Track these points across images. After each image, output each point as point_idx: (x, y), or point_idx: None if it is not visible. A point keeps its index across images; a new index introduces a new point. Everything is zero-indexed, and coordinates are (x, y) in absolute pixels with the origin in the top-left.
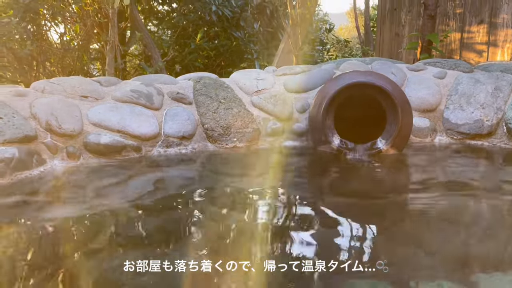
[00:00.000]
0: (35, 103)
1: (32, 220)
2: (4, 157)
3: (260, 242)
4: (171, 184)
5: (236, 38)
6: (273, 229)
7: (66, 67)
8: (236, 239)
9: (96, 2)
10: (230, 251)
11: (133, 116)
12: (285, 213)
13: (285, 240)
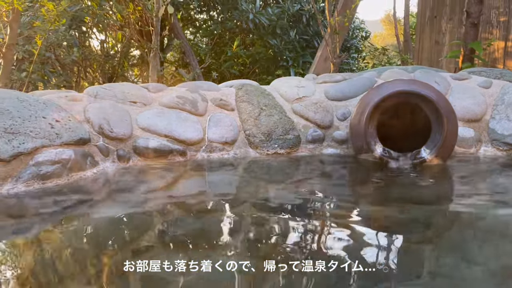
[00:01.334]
0: (88, 107)
1: (84, 218)
2: (62, 158)
3: (297, 246)
4: (213, 188)
5: (272, 46)
6: (310, 235)
7: (106, 73)
8: (276, 243)
9: (137, 11)
10: (270, 254)
11: (179, 122)
12: (322, 220)
13: (322, 247)
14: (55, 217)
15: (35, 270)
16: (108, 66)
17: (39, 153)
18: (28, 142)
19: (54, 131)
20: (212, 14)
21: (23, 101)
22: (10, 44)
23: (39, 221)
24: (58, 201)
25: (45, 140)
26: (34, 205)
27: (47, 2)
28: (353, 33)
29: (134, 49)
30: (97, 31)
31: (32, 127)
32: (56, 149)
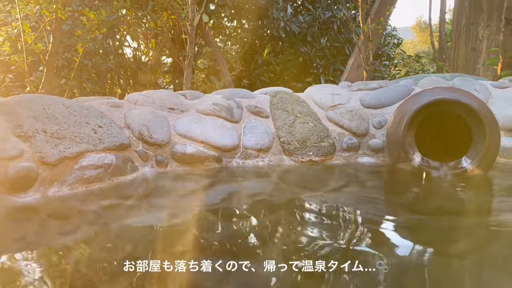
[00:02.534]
0: (129, 114)
1: (123, 222)
2: (104, 163)
3: (330, 254)
4: (248, 194)
5: (303, 53)
6: (344, 244)
7: (139, 80)
8: (310, 249)
9: (171, 20)
10: (309, 263)
11: (215, 128)
12: (358, 229)
13: (355, 255)
14: (96, 220)
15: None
16: (140, 73)
17: (83, 157)
18: (73, 147)
19: (97, 136)
20: (243, 22)
21: (68, 107)
22: (52, 52)
23: (82, 224)
24: (100, 204)
25: (89, 145)
26: (77, 208)
27: (88, 11)
28: (385, 40)
29: (166, 57)
30: (130, 39)
31: (77, 132)
32: (98, 154)
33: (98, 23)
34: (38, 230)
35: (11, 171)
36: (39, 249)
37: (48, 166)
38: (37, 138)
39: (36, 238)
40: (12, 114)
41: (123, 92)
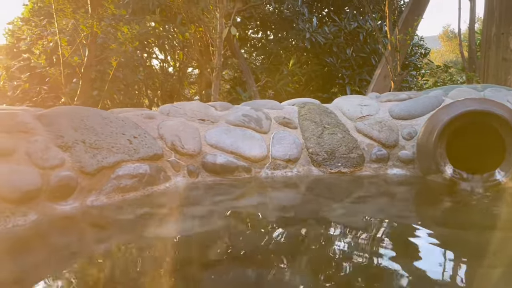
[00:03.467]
0: (162, 125)
1: (156, 230)
2: (139, 173)
3: (358, 266)
4: (277, 205)
5: (328, 64)
6: (373, 256)
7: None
8: (337, 261)
9: (198, 32)
10: (331, 272)
11: (245, 139)
12: (385, 243)
13: (386, 268)
14: (132, 228)
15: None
16: (167, 84)
17: (119, 167)
18: (110, 157)
19: (132, 146)
20: (268, 33)
21: (105, 118)
22: (88, 65)
23: (117, 232)
24: (135, 214)
25: (125, 155)
26: (114, 216)
27: (123, 26)
28: (412, 50)
29: (192, 68)
30: (158, 51)
31: (114, 142)
32: (134, 164)
33: (131, 37)
34: (77, 238)
35: (53, 180)
36: (78, 257)
37: (86, 175)
38: (76, 148)
39: (75, 246)
40: (53, 125)
41: (150, 102)
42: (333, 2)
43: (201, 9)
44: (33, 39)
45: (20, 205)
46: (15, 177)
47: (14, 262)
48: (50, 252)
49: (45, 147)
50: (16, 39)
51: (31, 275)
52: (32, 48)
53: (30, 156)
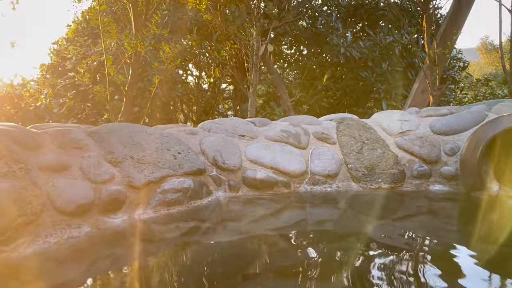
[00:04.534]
0: (203, 140)
1: (200, 244)
2: (183, 187)
3: (399, 283)
4: (316, 220)
5: (363, 78)
6: (415, 274)
7: (201, 106)
8: (379, 278)
9: (233, 49)
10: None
11: (284, 154)
12: (428, 261)
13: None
14: (176, 241)
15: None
16: (202, 100)
17: (165, 182)
18: (156, 172)
19: (177, 162)
20: (302, 48)
21: (151, 135)
22: (131, 83)
23: (164, 245)
24: (180, 227)
25: (170, 170)
26: (160, 230)
27: (164, 45)
28: (450, 64)
29: (227, 84)
30: (194, 68)
31: (159, 158)
32: (178, 179)
33: (172, 56)
34: (125, 250)
35: (104, 194)
36: (127, 268)
37: (134, 190)
38: (125, 163)
39: (125, 257)
40: (103, 141)
41: (185, 118)
42: (368, 17)
43: (236, 27)
44: (78, 59)
45: (75, 217)
46: (71, 190)
47: (67, 270)
48: (100, 262)
49: (97, 163)
50: (61, 58)
51: (79, 281)
52: (77, 67)
53: (83, 171)
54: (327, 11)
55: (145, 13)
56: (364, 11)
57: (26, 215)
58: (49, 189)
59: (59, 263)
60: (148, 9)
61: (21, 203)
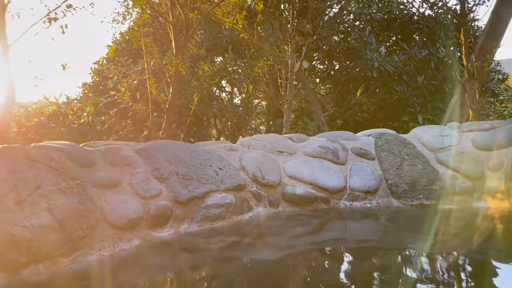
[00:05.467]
0: (243, 156)
1: (243, 258)
2: (225, 203)
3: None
4: (356, 237)
5: (398, 92)
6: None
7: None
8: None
9: (266, 65)
10: None
11: (322, 170)
12: (474, 282)
13: None
14: (219, 256)
15: None
16: (235, 115)
17: (208, 197)
18: (200, 187)
19: (219, 178)
20: (334, 63)
21: (194, 151)
22: (172, 101)
23: (206, 259)
24: (223, 242)
25: (212, 186)
26: (204, 244)
27: (203, 64)
28: (489, 76)
29: (260, 100)
30: (228, 85)
31: (202, 174)
32: (220, 194)
33: (211, 74)
34: (173, 263)
35: (152, 209)
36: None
37: (180, 205)
38: (171, 179)
39: (171, 270)
40: (150, 158)
41: (218, 133)
42: (401, 31)
43: (270, 44)
44: (119, 78)
45: (126, 231)
46: (122, 206)
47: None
48: (147, 274)
49: (145, 179)
50: (102, 77)
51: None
52: (117, 85)
53: (133, 186)
54: (359, 26)
55: (185, 34)
56: (397, 24)
57: (82, 229)
58: (102, 204)
59: (113, 275)
60: (188, 30)
61: (78, 218)
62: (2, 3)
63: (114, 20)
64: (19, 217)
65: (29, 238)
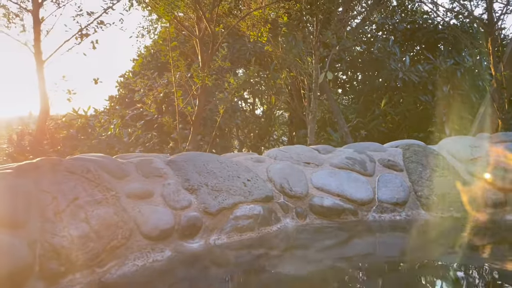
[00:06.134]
0: (270, 168)
1: (271, 271)
2: (254, 214)
3: None
4: (387, 250)
5: (423, 102)
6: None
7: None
8: None
9: (289, 77)
10: None
11: (350, 182)
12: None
13: None
14: (248, 267)
15: None
16: (257, 126)
17: (236, 208)
18: (229, 199)
19: (247, 189)
20: (358, 74)
21: (222, 163)
22: (198, 113)
23: (236, 271)
24: (252, 254)
25: (241, 197)
26: (233, 255)
27: (229, 77)
28: None
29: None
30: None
31: (231, 185)
32: (249, 205)
33: (236, 87)
34: (203, 274)
35: (183, 220)
36: None
37: (210, 216)
38: (201, 190)
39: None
40: (180, 169)
41: (241, 144)
42: (426, 40)
43: (293, 56)
44: (146, 91)
45: (158, 242)
46: (154, 217)
47: None
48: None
49: (176, 190)
50: (128, 90)
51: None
52: (143, 98)
53: (164, 198)
54: (382, 36)
55: (211, 47)
56: (421, 34)
57: (117, 239)
58: (135, 215)
59: (146, 285)
60: (214, 43)
61: (113, 228)
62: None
63: (139, 34)
64: (58, 227)
65: (68, 248)
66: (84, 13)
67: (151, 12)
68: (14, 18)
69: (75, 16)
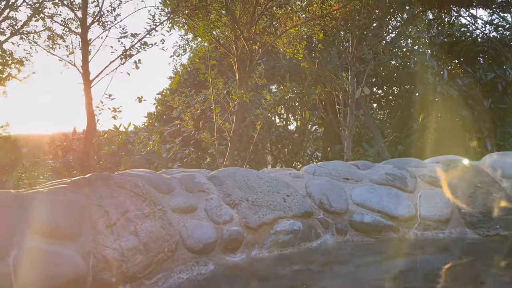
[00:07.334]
0: (309, 183)
1: (310, 286)
2: (293, 229)
3: None
4: (428, 269)
5: (463, 117)
6: None
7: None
8: None
9: (324, 92)
10: None
11: (390, 198)
12: None
13: None
14: (288, 283)
15: None
16: (290, 142)
17: (277, 223)
18: (269, 214)
19: (287, 204)
20: (394, 88)
21: (261, 178)
22: (235, 129)
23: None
24: (292, 268)
25: (281, 212)
26: (274, 270)
27: (266, 93)
28: None
29: (318, 126)
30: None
31: (271, 200)
32: (289, 221)
33: (273, 103)
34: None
35: (225, 234)
36: None
37: (251, 231)
38: (242, 205)
39: None
40: (222, 184)
41: (274, 159)
42: (465, 54)
43: (328, 71)
44: (183, 108)
45: (202, 255)
46: (199, 230)
47: None
48: None
49: (218, 205)
50: (166, 107)
51: None
52: (181, 115)
53: (207, 212)
54: (419, 50)
55: (248, 65)
56: (460, 47)
57: (164, 252)
58: (180, 228)
59: None
60: (251, 61)
61: (160, 241)
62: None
63: (176, 53)
64: (110, 239)
65: (119, 260)
66: (129, 35)
67: (187, 31)
68: (58, 39)
69: (120, 38)
